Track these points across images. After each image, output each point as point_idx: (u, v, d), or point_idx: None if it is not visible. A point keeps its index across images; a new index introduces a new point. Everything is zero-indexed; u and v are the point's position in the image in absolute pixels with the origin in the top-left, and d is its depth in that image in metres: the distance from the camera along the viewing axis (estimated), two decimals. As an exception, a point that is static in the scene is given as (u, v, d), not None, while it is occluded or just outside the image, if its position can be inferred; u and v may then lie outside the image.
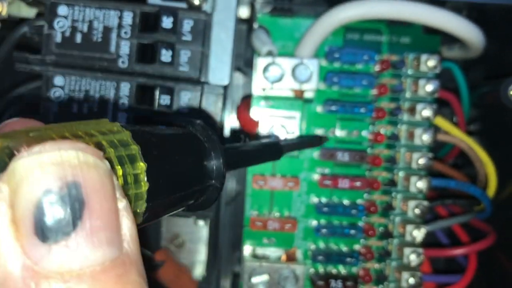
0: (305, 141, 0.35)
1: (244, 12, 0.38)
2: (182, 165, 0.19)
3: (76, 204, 0.12)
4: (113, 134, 0.15)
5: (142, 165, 0.15)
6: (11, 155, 0.12)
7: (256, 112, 0.37)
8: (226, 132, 0.33)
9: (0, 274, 0.11)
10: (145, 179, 0.15)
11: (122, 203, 0.13)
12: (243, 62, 0.41)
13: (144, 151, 0.16)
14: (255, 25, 0.37)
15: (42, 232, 0.11)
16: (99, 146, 0.14)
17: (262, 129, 0.36)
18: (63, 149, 0.12)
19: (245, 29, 0.41)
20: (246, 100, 0.38)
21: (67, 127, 0.14)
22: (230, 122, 0.34)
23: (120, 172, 0.14)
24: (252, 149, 0.26)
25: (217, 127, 0.33)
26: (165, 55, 0.31)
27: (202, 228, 0.40)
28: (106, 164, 0.13)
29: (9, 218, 0.12)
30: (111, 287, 0.12)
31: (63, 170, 0.12)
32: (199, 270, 0.40)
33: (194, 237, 0.40)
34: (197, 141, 0.20)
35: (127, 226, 0.13)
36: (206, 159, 0.20)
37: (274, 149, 0.27)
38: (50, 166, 0.12)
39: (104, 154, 0.14)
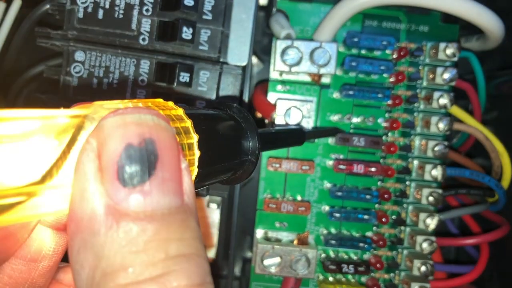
0: (325, 130, 0.36)
1: (262, -2, 0.38)
2: (225, 141, 0.21)
3: (151, 157, 0.14)
4: (169, 109, 0.17)
5: (194, 136, 0.17)
6: (93, 120, 0.14)
7: (272, 96, 0.37)
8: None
9: (88, 210, 0.14)
10: (197, 148, 0.18)
11: (184, 163, 0.15)
12: (260, 49, 0.42)
13: (195, 125, 0.18)
14: (274, 9, 0.37)
15: (123, 179, 0.14)
16: None
17: (278, 113, 0.36)
18: (142, 113, 0.14)
19: (262, 16, 0.41)
20: (263, 84, 0.38)
21: (133, 103, 0.16)
22: (248, 104, 0.34)
23: (177, 140, 0.17)
24: (280, 132, 0.29)
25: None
26: (186, 33, 0.31)
27: (214, 212, 0.40)
28: (173, 129, 0.15)
29: (97, 166, 0.14)
30: (176, 228, 0.14)
31: (142, 129, 0.14)
32: (210, 254, 0.40)
33: (206, 220, 0.40)
34: (235, 122, 0.22)
35: (187, 182, 0.15)
36: (243, 137, 0.22)
37: (297, 135, 0.29)
38: (132, 125, 0.14)
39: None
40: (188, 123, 0.17)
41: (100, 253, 0.13)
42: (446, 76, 0.35)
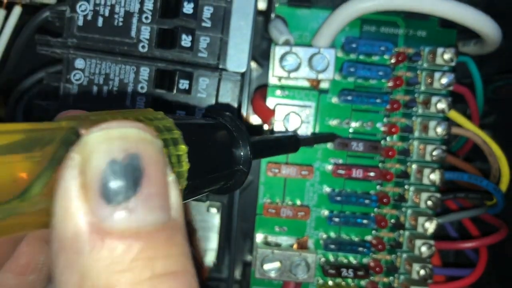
0: (321, 136, 0.36)
1: (261, 3, 0.38)
2: (215, 151, 0.21)
3: (136, 173, 0.14)
4: (158, 120, 0.17)
5: (184, 148, 0.17)
6: (77, 134, 0.14)
7: (271, 101, 0.37)
8: (243, 116, 0.33)
9: (71, 228, 0.13)
10: (187, 159, 0.17)
11: (171, 177, 0.15)
12: (259, 54, 0.42)
13: (184, 136, 0.17)
14: (273, 15, 0.37)
15: (107, 195, 0.13)
16: None
17: (277, 118, 0.37)
18: (127, 127, 0.14)
19: (261, 21, 0.41)
20: (262, 90, 0.38)
21: (120, 113, 0.16)
22: (247, 109, 0.35)
23: (166, 152, 0.16)
24: (274, 139, 0.29)
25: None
26: (185, 40, 0.32)
27: (214, 216, 0.41)
28: (160, 142, 0.15)
29: (80, 183, 0.13)
30: (162, 245, 0.14)
31: (127, 143, 0.14)
32: (210, 258, 0.41)
33: (206, 225, 0.41)
34: (227, 130, 0.22)
35: (175, 197, 0.15)
36: (235, 147, 0.22)
37: (292, 142, 0.29)
38: (116, 140, 0.14)
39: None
40: (178, 134, 0.17)
41: (84, 273, 0.13)
42: (444, 80, 0.35)
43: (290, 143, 0.29)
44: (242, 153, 0.22)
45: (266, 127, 0.38)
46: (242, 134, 0.22)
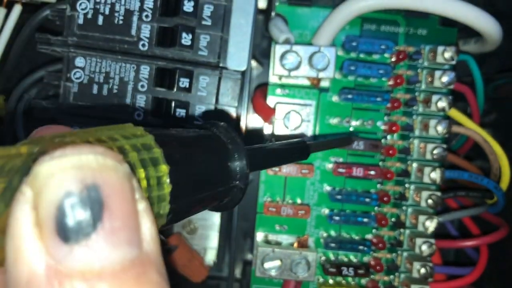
0: (335, 141, 0.33)
1: (261, 2, 0.38)
2: (206, 167, 0.19)
3: (95, 206, 0.12)
4: (136, 138, 0.16)
5: (164, 168, 0.16)
6: (36, 160, 0.12)
7: (272, 100, 0.37)
8: (243, 120, 0.33)
9: (25, 272, 0.12)
10: (168, 181, 0.16)
11: (142, 205, 0.13)
12: (259, 53, 0.42)
13: (167, 153, 0.16)
14: (273, 14, 0.37)
15: (64, 233, 0.12)
16: (121, 150, 0.15)
17: (278, 117, 0.36)
18: (83, 153, 0.13)
19: (261, 20, 0.41)
20: (262, 88, 0.38)
21: (91, 133, 0.14)
22: (248, 109, 0.35)
23: (142, 174, 0.15)
24: (278, 148, 0.26)
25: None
26: (185, 39, 0.32)
27: (214, 215, 0.41)
28: (125, 167, 0.13)
29: (33, 220, 0.12)
30: (131, 285, 0.12)
31: (83, 173, 0.12)
32: (210, 256, 0.41)
33: (207, 223, 0.41)
34: (220, 143, 0.20)
35: (147, 227, 0.13)
36: (230, 161, 0.20)
37: (300, 149, 0.27)
38: (71, 170, 0.12)
39: (125, 157, 0.14)
40: (158, 153, 0.16)
41: None
42: (445, 79, 0.35)
43: (298, 150, 0.26)
44: (238, 168, 0.20)
45: (266, 128, 0.38)
46: (237, 146, 0.20)
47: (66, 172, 0.12)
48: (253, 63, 0.42)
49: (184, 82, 0.32)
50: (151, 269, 0.13)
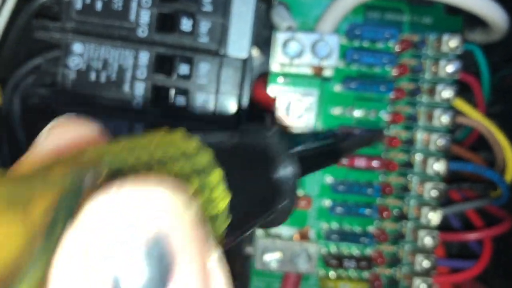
0: (365, 138, 0.31)
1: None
2: (259, 188, 0.16)
3: (164, 261, 0.09)
4: (194, 156, 0.12)
5: (226, 197, 0.13)
6: (80, 194, 0.09)
7: (273, 89, 0.37)
8: (244, 104, 0.33)
9: None
10: (227, 212, 0.13)
11: (216, 254, 0.11)
12: (261, 41, 0.41)
13: (225, 175, 0.13)
14: (275, 1, 0.36)
15: None
16: (185, 177, 0.11)
17: (279, 106, 0.36)
18: (149, 190, 0.10)
19: (263, 8, 0.40)
20: (263, 77, 0.38)
21: (143, 148, 0.11)
22: (248, 96, 0.34)
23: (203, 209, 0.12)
24: (312, 155, 0.23)
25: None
26: (186, 25, 0.31)
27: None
28: (196, 207, 0.10)
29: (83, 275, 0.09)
30: None
31: (148, 219, 0.09)
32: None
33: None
34: (271, 155, 0.17)
35: (220, 279, 0.11)
36: (277, 173, 0.17)
37: (332, 153, 0.24)
38: (131, 215, 0.09)
39: (193, 193, 0.11)
40: (219, 176, 0.12)
41: None
42: (450, 69, 0.34)
43: (330, 156, 0.24)
44: (287, 182, 0.17)
45: (267, 117, 0.37)
46: (290, 158, 0.17)
47: (125, 218, 0.09)
48: (255, 53, 0.41)
49: (184, 69, 0.31)
50: None
